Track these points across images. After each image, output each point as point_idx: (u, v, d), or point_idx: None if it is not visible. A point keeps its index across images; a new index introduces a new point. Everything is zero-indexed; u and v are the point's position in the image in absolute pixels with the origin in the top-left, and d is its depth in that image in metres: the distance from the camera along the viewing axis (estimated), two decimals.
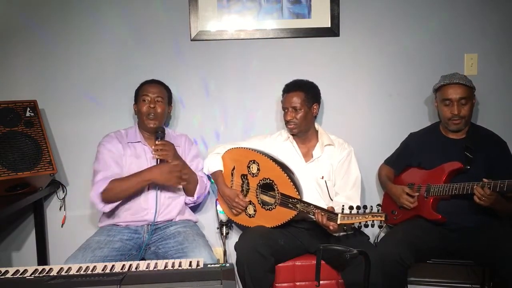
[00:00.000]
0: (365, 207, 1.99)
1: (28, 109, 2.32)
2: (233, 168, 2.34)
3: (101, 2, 2.50)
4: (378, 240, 2.34)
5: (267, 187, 2.23)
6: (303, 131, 2.32)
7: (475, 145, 2.23)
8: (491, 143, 2.27)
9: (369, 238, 2.27)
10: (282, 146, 2.35)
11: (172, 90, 2.40)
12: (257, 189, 2.25)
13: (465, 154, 2.21)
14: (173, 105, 2.46)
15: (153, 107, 2.27)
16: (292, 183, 2.12)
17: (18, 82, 2.50)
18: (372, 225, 1.98)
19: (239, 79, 2.57)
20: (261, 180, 2.23)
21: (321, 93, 2.38)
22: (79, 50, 2.51)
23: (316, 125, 2.39)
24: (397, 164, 2.44)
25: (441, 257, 2.25)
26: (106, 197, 2.13)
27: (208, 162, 2.36)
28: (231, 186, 2.34)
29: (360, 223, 1.97)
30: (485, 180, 2.02)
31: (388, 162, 2.50)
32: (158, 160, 2.19)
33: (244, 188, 2.30)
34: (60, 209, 2.53)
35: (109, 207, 2.16)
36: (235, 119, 2.59)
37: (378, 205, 2.03)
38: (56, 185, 2.48)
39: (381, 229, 2.42)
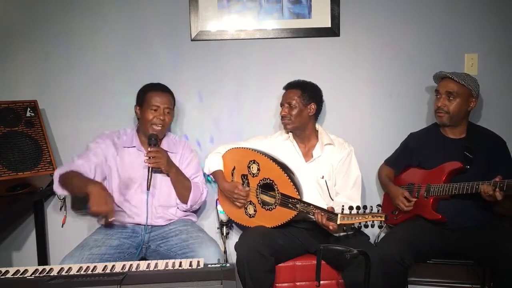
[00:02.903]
0: (365, 207, 1.99)
1: (29, 109, 2.32)
2: (234, 168, 2.34)
3: (101, 2, 2.50)
4: (378, 240, 2.34)
5: (267, 187, 2.23)
6: (299, 128, 2.32)
7: (475, 145, 2.23)
8: (491, 142, 2.27)
9: (369, 238, 2.27)
10: (282, 145, 2.36)
11: (171, 91, 2.39)
12: (257, 189, 2.25)
13: (464, 154, 2.21)
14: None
15: (163, 119, 2.21)
16: (292, 183, 2.13)
17: (19, 82, 2.50)
18: (372, 226, 1.98)
19: (239, 79, 2.57)
20: (261, 180, 2.23)
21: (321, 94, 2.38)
22: (79, 50, 2.51)
23: (317, 125, 2.39)
24: (397, 164, 2.44)
25: (441, 257, 2.25)
26: (62, 180, 2.08)
27: (208, 161, 2.36)
28: None
29: (360, 223, 1.98)
30: (497, 179, 2.01)
31: (388, 162, 2.50)
32: (150, 168, 2.14)
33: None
34: (60, 209, 2.52)
35: (60, 190, 2.10)
36: (235, 119, 2.59)
37: (378, 205, 2.03)
38: None
39: (381, 229, 2.42)
